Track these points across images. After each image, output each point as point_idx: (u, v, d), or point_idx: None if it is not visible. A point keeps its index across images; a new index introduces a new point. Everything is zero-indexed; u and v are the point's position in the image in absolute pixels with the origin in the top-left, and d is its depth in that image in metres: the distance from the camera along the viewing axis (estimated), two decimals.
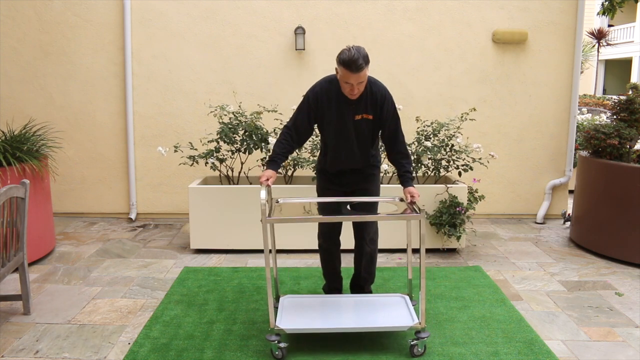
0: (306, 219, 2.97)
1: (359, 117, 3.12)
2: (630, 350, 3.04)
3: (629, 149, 4.64)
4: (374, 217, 3.27)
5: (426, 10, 5.51)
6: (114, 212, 5.77)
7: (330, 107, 3.13)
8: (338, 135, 3.18)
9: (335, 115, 3.13)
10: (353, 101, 3.09)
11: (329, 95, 3.12)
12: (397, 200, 3.30)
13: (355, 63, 2.86)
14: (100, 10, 5.44)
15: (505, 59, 5.61)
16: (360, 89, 3.01)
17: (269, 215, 2.86)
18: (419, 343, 2.92)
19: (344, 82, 2.98)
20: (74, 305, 3.57)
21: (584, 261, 4.51)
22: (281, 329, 2.91)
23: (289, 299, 3.31)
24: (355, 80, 2.93)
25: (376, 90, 3.11)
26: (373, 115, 3.13)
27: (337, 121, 3.14)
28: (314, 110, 3.15)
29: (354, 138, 3.17)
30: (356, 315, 3.14)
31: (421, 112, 5.44)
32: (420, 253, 2.87)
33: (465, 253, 4.68)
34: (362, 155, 3.24)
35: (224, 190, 4.56)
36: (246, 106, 5.24)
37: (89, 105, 5.59)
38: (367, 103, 3.10)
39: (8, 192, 3.10)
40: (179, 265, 4.34)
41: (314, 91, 3.16)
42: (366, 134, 3.18)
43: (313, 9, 5.47)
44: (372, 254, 3.43)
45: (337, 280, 3.59)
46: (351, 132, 3.15)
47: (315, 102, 3.14)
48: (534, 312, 3.51)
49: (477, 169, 5.03)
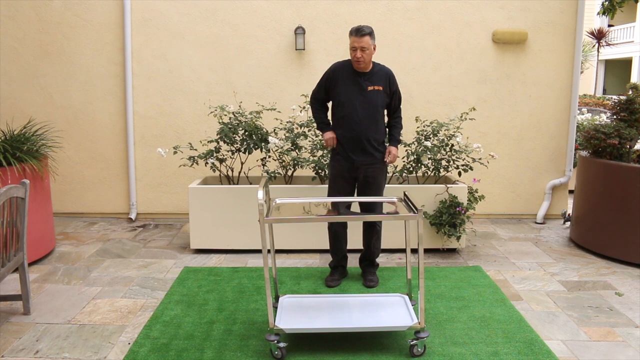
0: (305, 219, 2.98)
1: (371, 88, 3.68)
2: (630, 350, 3.04)
3: (629, 149, 4.64)
4: (373, 218, 3.62)
5: (426, 10, 5.51)
6: (114, 212, 5.77)
7: (346, 80, 3.70)
8: (354, 101, 3.67)
9: (350, 85, 3.68)
10: (365, 74, 3.67)
11: (344, 69, 3.73)
12: (396, 200, 3.31)
13: (359, 29, 3.54)
14: (100, 10, 5.44)
15: (505, 59, 5.61)
16: (365, 57, 3.57)
17: (267, 216, 2.86)
18: (418, 343, 2.92)
19: (351, 49, 3.59)
20: (74, 305, 3.57)
21: (584, 261, 4.51)
22: (280, 329, 2.91)
23: (289, 299, 3.31)
24: (359, 44, 3.53)
25: (384, 68, 3.78)
26: (383, 86, 3.71)
27: (353, 90, 3.68)
28: (330, 81, 3.75)
29: (367, 105, 3.67)
30: (356, 315, 3.14)
31: (421, 112, 5.44)
32: (418, 253, 2.88)
33: (465, 253, 4.68)
34: (373, 124, 3.70)
35: (224, 190, 4.56)
36: (246, 106, 5.23)
37: (89, 105, 5.59)
38: (377, 77, 3.71)
39: (8, 192, 3.10)
40: (179, 265, 4.34)
41: (331, 67, 3.80)
42: (377, 104, 3.71)
43: (313, 9, 5.47)
44: (379, 232, 3.94)
45: (343, 258, 4.03)
46: (365, 100, 3.67)
47: (332, 73, 3.75)
48: (534, 312, 3.51)
49: (477, 169, 5.03)
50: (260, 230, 2.81)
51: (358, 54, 3.55)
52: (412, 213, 2.93)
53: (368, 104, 3.67)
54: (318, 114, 3.88)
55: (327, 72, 3.80)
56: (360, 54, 3.55)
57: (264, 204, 2.82)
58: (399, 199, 3.30)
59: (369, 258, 4.00)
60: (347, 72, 3.70)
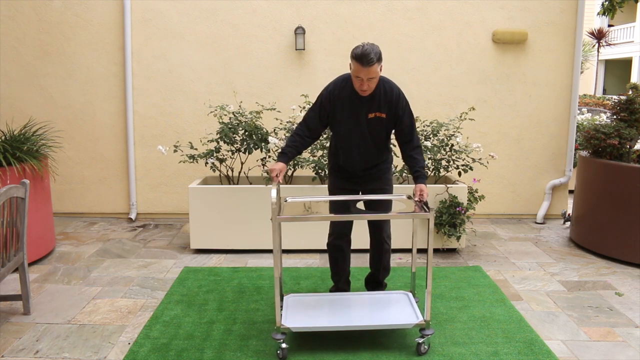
0: (318, 218, 2.97)
1: (372, 115, 3.13)
2: (630, 350, 3.04)
3: (629, 149, 4.64)
4: (385, 216, 3.25)
5: (426, 10, 5.51)
6: (114, 212, 5.77)
7: (344, 105, 3.15)
8: (351, 133, 3.19)
9: (348, 113, 3.15)
10: (366, 99, 3.10)
11: (343, 93, 3.14)
12: (405, 198, 3.30)
13: (366, 57, 2.89)
14: (100, 10, 5.44)
15: (505, 59, 5.61)
16: (371, 86, 3.03)
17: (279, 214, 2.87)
18: (424, 341, 2.94)
19: (355, 77, 3.01)
20: (74, 305, 3.57)
21: (584, 261, 4.51)
22: (287, 328, 2.92)
23: (293, 298, 3.31)
24: (366, 75, 2.95)
25: (389, 89, 3.14)
26: (387, 113, 3.14)
27: (351, 119, 3.16)
28: (326, 109, 3.18)
29: (367, 136, 3.19)
30: (361, 313, 3.16)
31: (421, 112, 5.44)
32: (428, 251, 2.90)
33: (465, 253, 4.68)
34: (375, 154, 3.27)
35: (224, 190, 4.56)
36: (246, 106, 5.23)
37: (89, 105, 5.59)
38: (380, 101, 3.12)
39: (8, 192, 3.10)
40: (179, 265, 4.34)
41: (327, 90, 3.20)
42: (379, 133, 3.20)
43: (313, 9, 5.47)
44: (389, 250, 3.50)
45: (346, 283, 3.60)
46: (364, 131, 3.17)
47: (328, 100, 3.17)
48: (534, 312, 3.51)
49: (477, 169, 5.03)
50: (272, 229, 2.81)
51: (364, 86, 3.00)
52: (424, 211, 2.94)
53: (370, 133, 3.18)
54: (292, 139, 3.22)
55: (322, 98, 3.19)
56: (367, 86, 3.01)
57: (277, 202, 2.82)
58: (407, 196, 3.30)
59: (377, 280, 3.61)
60: (346, 96, 3.14)
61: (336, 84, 3.19)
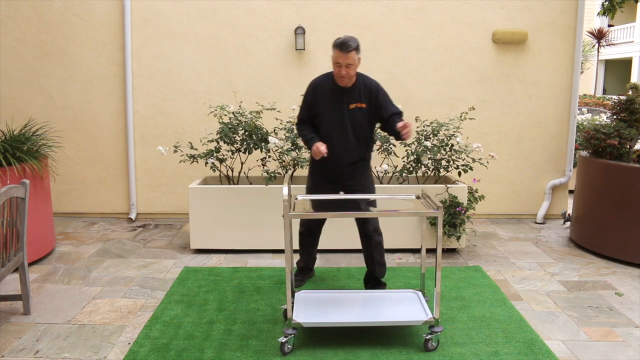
0: (328, 215, 3.06)
1: (353, 106, 3.39)
2: (630, 350, 3.04)
3: (629, 149, 4.64)
4: (392, 214, 3.40)
5: (426, 10, 5.51)
6: (114, 212, 5.77)
7: (325, 96, 3.42)
8: (334, 123, 3.41)
9: (330, 103, 3.41)
10: (347, 90, 3.38)
11: (325, 85, 3.44)
12: (414, 198, 3.33)
13: (345, 44, 3.22)
14: (100, 10, 5.44)
15: (505, 59, 5.61)
16: (350, 72, 3.29)
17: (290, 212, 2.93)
18: (433, 337, 2.97)
19: (335, 63, 3.29)
20: (74, 305, 3.57)
21: (584, 261, 4.51)
22: (298, 323, 2.95)
23: (304, 294, 3.35)
24: (344, 60, 3.23)
25: (368, 82, 3.44)
26: (367, 104, 3.40)
27: (333, 109, 3.40)
28: (309, 100, 3.49)
29: (349, 127, 3.41)
30: (371, 310, 3.18)
31: (421, 112, 5.44)
32: (437, 250, 2.94)
33: (465, 253, 4.68)
34: (357, 147, 3.46)
35: (224, 190, 4.56)
36: (246, 106, 5.23)
37: (89, 105, 5.59)
38: (360, 93, 3.40)
39: (8, 192, 3.10)
40: (179, 265, 4.34)
41: (311, 83, 3.52)
42: (361, 124, 3.42)
43: (313, 9, 5.47)
44: (380, 243, 3.62)
45: (311, 260, 3.95)
46: (346, 121, 3.40)
47: (312, 93, 3.48)
48: (534, 312, 3.51)
49: (477, 169, 5.02)
50: (284, 225, 2.89)
51: (343, 71, 3.27)
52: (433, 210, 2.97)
53: (351, 124, 3.39)
54: (304, 132, 3.51)
55: (307, 92, 3.52)
56: (345, 71, 3.27)
57: (288, 199, 2.88)
58: (416, 196, 3.34)
59: (375, 277, 3.69)
60: (328, 88, 3.42)
61: (319, 77, 3.51)
